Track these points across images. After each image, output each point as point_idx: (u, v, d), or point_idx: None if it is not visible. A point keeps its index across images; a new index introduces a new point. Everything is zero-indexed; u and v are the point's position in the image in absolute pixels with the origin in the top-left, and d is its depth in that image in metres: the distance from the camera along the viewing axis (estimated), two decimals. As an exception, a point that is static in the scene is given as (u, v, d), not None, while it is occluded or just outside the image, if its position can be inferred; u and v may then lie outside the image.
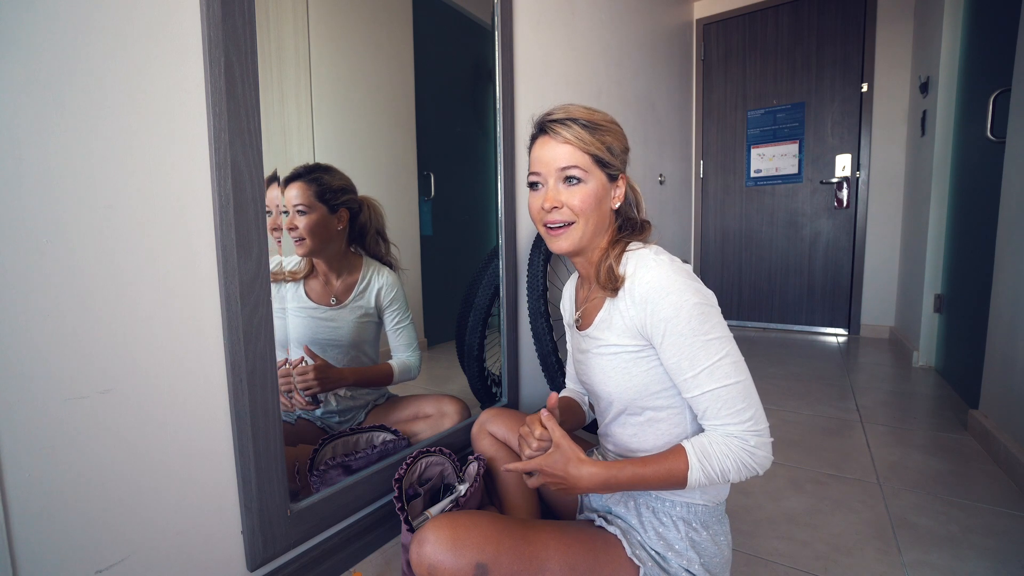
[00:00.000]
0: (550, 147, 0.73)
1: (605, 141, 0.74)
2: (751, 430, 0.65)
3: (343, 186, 1.00)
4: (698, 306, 0.66)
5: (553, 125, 0.74)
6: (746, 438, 0.65)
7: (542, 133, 0.75)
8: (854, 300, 2.99)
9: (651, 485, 0.69)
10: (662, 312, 0.66)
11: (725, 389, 0.65)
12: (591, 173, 0.73)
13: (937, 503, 1.17)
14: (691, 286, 0.68)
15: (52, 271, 0.56)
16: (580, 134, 0.72)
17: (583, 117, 0.73)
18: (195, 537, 0.71)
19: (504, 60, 1.34)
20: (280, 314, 0.88)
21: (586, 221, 0.74)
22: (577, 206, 0.73)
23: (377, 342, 1.14)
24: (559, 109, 0.75)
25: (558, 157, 0.73)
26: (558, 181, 0.74)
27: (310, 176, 0.93)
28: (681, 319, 0.65)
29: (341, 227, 1.02)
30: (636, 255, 0.73)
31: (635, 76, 2.35)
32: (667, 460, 0.68)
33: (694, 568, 0.71)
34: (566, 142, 0.72)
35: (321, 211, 0.96)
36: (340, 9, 1.04)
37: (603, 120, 0.75)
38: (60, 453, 0.57)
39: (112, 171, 0.61)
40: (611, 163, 0.75)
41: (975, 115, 1.81)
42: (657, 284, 0.67)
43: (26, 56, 0.53)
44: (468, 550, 0.62)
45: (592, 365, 0.78)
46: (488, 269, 1.40)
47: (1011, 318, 1.34)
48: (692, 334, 0.65)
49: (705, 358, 0.65)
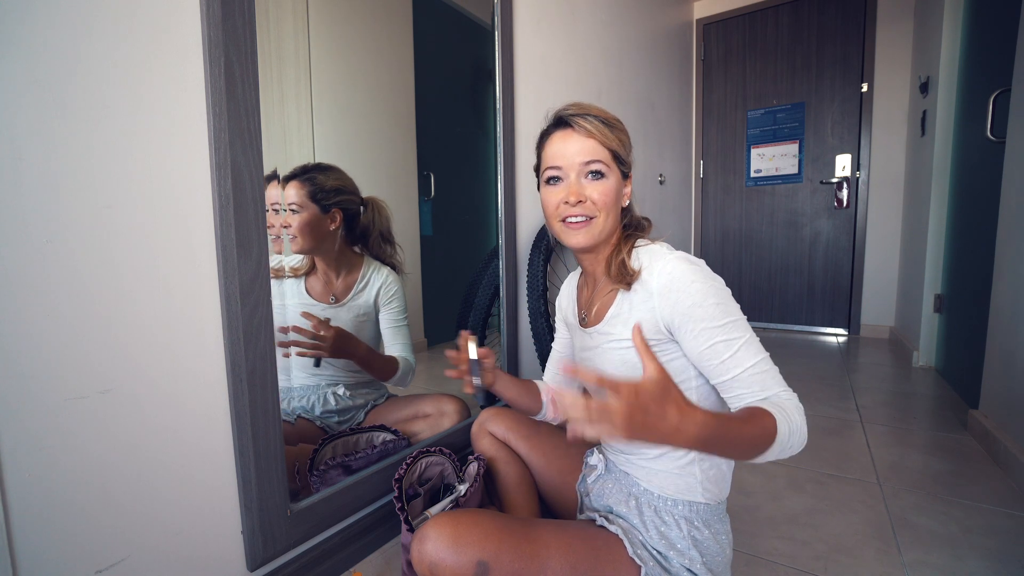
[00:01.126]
0: (573, 140, 0.73)
1: (620, 138, 0.75)
2: (792, 397, 0.65)
3: (337, 187, 1.00)
4: (719, 292, 0.67)
5: (575, 118, 0.74)
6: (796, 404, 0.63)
7: (563, 126, 0.75)
8: (854, 300, 2.99)
9: (746, 439, 0.58)
10: (689, 299, 0.66)
11: (764, 361, 0.66)
12: (611, 168, 0.74)
13: (937, 503, 1.17)
14: (709, 274, 0.69)
15: (52, 271, 0.56)
16: (601, 128, 0.73)
17: (600, 114, 0.74)
18: (195, 537, 0.71)
19: (504, 60, 1.34)
20: (280, 310, 0.89)
21: (607, 216, 0.74)
22: (599, 200, 0.73)
23: (375, 342, 1.14)
24: (573, 105, 0.75)
25: (582, 150, 0.73)
26: (580, 175, 0.74)
27: (305, 176, 0.94)
28: (709, 304, 0.66)
29: (334, 227, 1.02)
30: (647, 250, 0.74)
31: (635, 76, 2.34)
32: (755, 417, 0.59)
33: (696, 567, 0.71)
34: (590, 136, 0.73)
35: (313, 211, 0.96)
36: (340, 9, 1.04)
37: (615, 119, 0.76)
38: (60, 453, 0.57)
39: (112, 171, 0.61)
40: (626, 160, 0.76)
41: (975, 115, 1.81)
42: (679, 274, 0.68)
43: (26, 56, 0.53)
44: (469, 548, 0.62)
45: (601, 361, 0.78)
46: (488, 269, 1.40)
47: (1011, 318, 1.34)
48: (723, 315, 0.66)
49: (740, 337, 0.66)
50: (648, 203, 2.64)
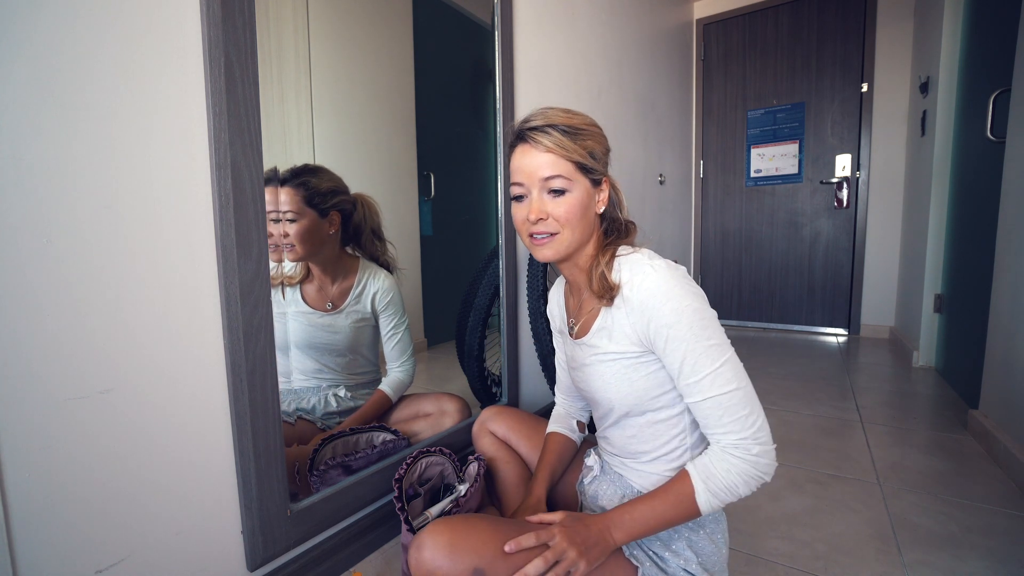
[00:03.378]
0: (531, 156, 0.70)
1: (587, 146, 0.71)
2: (753, 438, 0.65)
3: (332, 188, 0.96)
4: (698, 311, 0.66)
5: (532, 133, 0.70)
6: (748, 447, 0.64)
7: (521, 141, 0.72)
8: (854, 300, 2.99)
9: (666, 516, 0.67)
10: (663, 318, 0.66)
11: (727, 395, 0.65)
12: (575, 181, 0.71)
13: (937, 503, 1.17)
14: (689, 291, 0.67)
15: (52, 271, 0.56)
16: (561, 141, 0.69)
17: (563, 123, 0.70)
18: (195, 537, 0.71)
19: (504, 60, 1.34)
20: (280, 318, 0.88)
21: (572, 230, 0.72)
22: (563, 216, 0.71)
23: (374, 345, 1.14)
24: (537, 115, 0.71)
25: (540, 166, 0.70)
26: (542, 192, 0.71)
27: (297, 180, 0.90)
28: (683, 325, 0.65)
29: (333, 231, 0.99)
30: (629, 261, 0.72)
31: (635, 76, 2.34)
32: (672, 487, 0.68)
33: (692, 567, 0.71)
34: (548, 151, 0.69)
35: (311, 216, 0.93)
36: (340, 9, 1.04)
37: (583, 124, 0.72)
38: (60, 453, 0.57)
39: (112, 171, 0.61)
40: (594, 168, 0.72)
41: (975, 115, 1.81)
42: (656, 290, 0.66)
43: (26, 56, 0.53)
44: (466, 555, 0.62)
45: (591, 373, 0.77)
46: (488, 269, 1.40)
47: (1011, 318, 1.34)
48: (694, 339, 0.65)
49: (707, 364, 0.65)
50: (648, 203, 2.64)
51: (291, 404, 0.99)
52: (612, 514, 0.69)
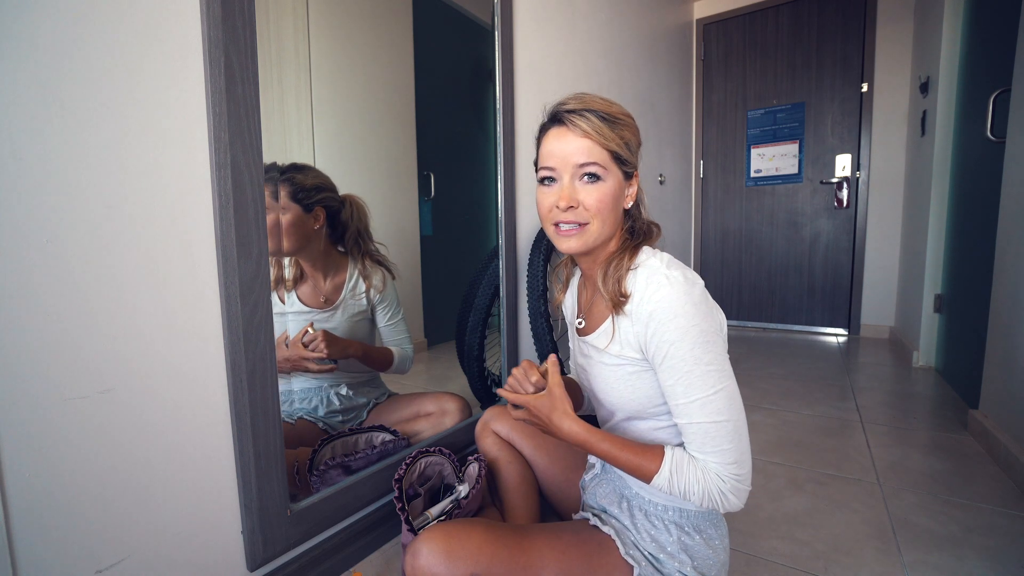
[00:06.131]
0: (567, 140, 0.67)
1: (624, 136, 0.68)
2: (732, 474, 0.63)
3: (317, 184, 0.99)
4: (703, 333, 0.63)
5: (571, 116, 0.67)
6: (723, 479, 0.63)
7: (557, 123, 0.69)
8: (854, 300, 2.99)
9: (619, 466, 0.69)
10: (667, 334, 0.63)
11: (714, 425, 0.63)
12: (609, 171, 0.68)
13: (937, 503, 1.17)
14: (701, 310, 0.64)
15: (52, 271, 0.56)
16: (599, 127, 0.66)
17: (601, 109, 0.67)
18: (195, 537, 0.71)
19: (504, 60, 1.34)
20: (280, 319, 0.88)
21: (602, 222, 0.69)
22: (594, 206, 0.68)
23: (371, 339, 1.14)
24: (574, 98, 0.68)
25: (577, 151, 0.67)
26: (575, 178, 0.68)
27: (283, 176, 0.92)
28: (684, 345, 0.63)
29: (318, 226, 1.01)
30: (647, 268, 0.69)
31: (635, 76, 2.34)
32: (643, 455, 0.67)
33: (687, 570, 0.70)
34: (585, 135, 0.66)
35: (295, 211, 0.95)
36: (340, 9, 1.04)
37: (620, 113, 0.69)
38: (60, 453, 0.57)
39: (112, 171, 0.61)
40: (628, 160, 0.70)
41: (975, 115, 1.81)
42: (667, 304, 0.64)
43: (26, 56, 0.53)
44: (462, 561, 0.62)
45: (595, 373, 0.76)
46: (488, 269, 1.40)
47: (1011, 318, 1.34)
48: (693, 361, 0.63)
49: (700, 389, 0.63)
50: (648, 203, 2.64)
51: (292, 404, 0.99)
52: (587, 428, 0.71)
